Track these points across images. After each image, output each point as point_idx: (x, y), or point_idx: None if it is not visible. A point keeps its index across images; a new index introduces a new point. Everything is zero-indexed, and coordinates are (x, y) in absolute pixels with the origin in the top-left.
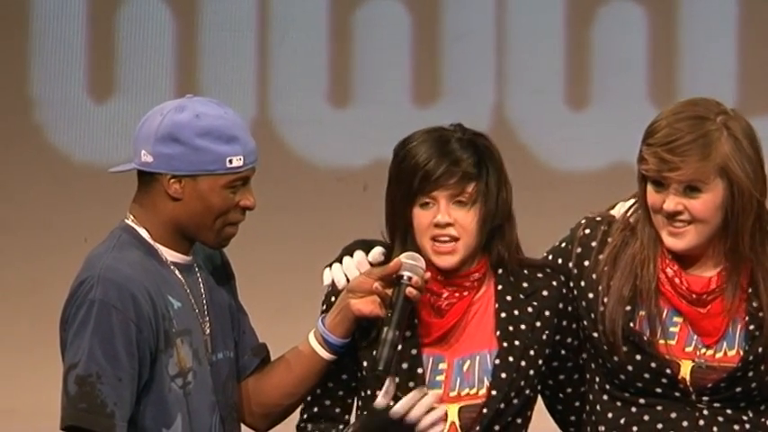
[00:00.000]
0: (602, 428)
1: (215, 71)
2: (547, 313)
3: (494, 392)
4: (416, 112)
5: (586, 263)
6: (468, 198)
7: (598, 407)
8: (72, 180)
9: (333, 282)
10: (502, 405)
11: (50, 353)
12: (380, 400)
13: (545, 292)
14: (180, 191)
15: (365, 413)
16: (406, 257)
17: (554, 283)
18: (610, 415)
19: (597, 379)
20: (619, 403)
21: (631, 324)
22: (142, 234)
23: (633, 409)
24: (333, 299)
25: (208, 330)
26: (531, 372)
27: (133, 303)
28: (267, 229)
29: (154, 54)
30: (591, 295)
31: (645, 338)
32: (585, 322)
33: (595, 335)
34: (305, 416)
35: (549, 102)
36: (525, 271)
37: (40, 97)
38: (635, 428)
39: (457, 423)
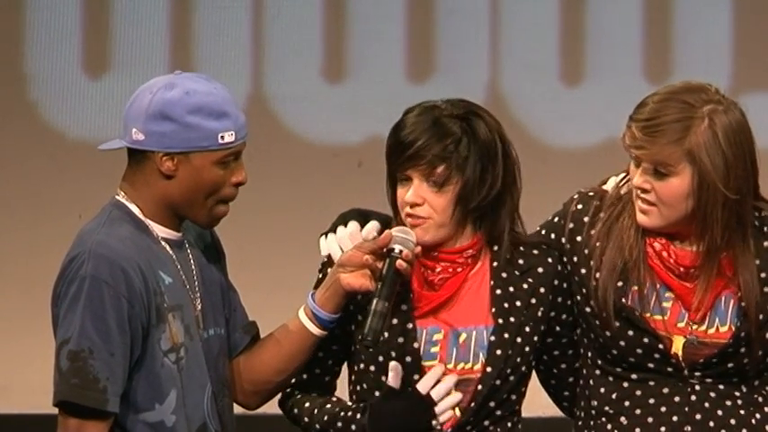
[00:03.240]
0: (595, 403)
1: (209, 47)
2: (542, 290)
3: (489, 369)
4: (410, 89)
5: (579, 238)
6: (438, 178)
7: (591, 381)
8: (66, 156)
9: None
10: (497, 382)
11: (43, 330)
12: (392, 382)
13: (540, 269)
14: (173, 168)
15: (378, 395)
16: (396, 231)
17: (549, 259)
18: (602, 389)
19: (590, 354)
20: (611, 378)
21: (623, 299)
22: (133, 210)
23: (625, 384)
24: (329, 270)
25: (199, 306)
26: (527, 348)
27: (124, 278)
28: (261, 206)
29: (148, 30)
30: (583, 270)
31: (637, 313)
32: (578, 297)
33: (588, 310)
34: (293, 381)
35: (544, 78)
36: (521, 248)
37: (34, 74)
38: (627, 403)
39: (452, 393)
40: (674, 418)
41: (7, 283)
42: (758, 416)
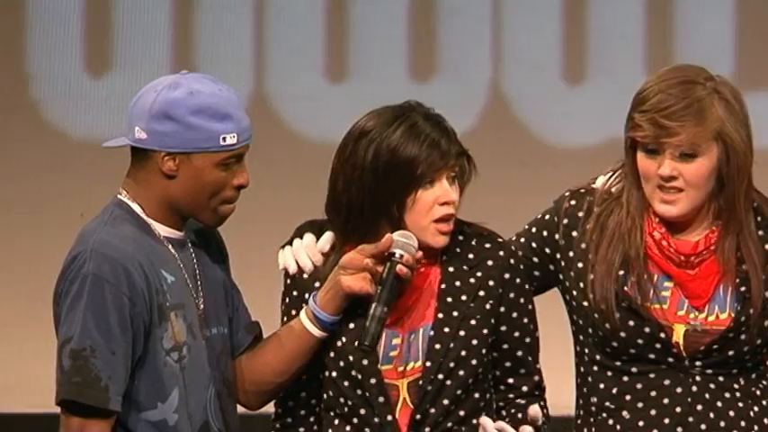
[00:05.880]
0: (595, 399)
1: (212, 46)
2: (491, 283)
3: (428, 364)
4: (413, 88)
5: (574, 233)
6: (463, 179)
7: (589, 378)
8: (68, 155)
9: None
10: (440, 376)
11: (45, 329)
12: None
13: (490, 262)
14: (174, 168)
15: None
16: (398, 235)
17: (501, 253)
18: (602, 385)
19: (587, 351)
20: (610, 373)
21: (625, 288)
22: (135, 209)
23: (625, 378)
24: (288, 281)
25: (201, 306)
26: (474, 342)
27: (126, 277)
28: (263, 205)
29: (151, 29)
30: (580, 265)
31: (638, 303)
32: (575, 292)
33: (585, 304)
34: (280, 410)
35: (546, 77)
36: (473, 242)
37: (36, 73)
38: (628, 397)
39: (408, 399)
40: (677, 409)
41: (8, 282)
42: (756, 408)
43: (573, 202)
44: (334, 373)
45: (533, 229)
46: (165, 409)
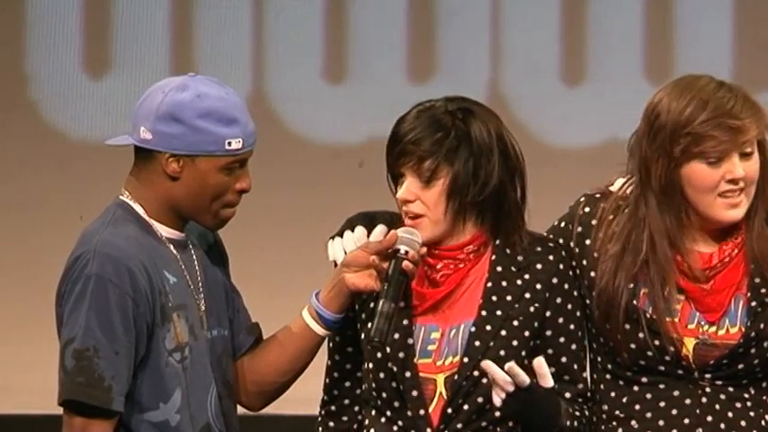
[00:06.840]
0: (606, 407)
1: (210, 47)
2: (538, 286)
3: (465, 360)
4: (411, 89)
5: (587, 241)
6: (425, 172)
7: (601, 386)
8: (67, 157)
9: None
10: (476, 373)
11: (44, 331)
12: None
13: (539, 266)
14: (178, 170)
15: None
16: (402, 231)
17: (551, 257)
18: (612, 393)
19: (599, 359)
20: (621, 382)
21: (634, 301)
22: (137, 210)
23: (636, 388)
24: None
25: (203, 307)
26: (514, 342)
27: (129, 277)
28: (262, 206)
29: (149, 30)
30: (593, 273)
31: (648, 316)
32: (588, 301)
33: (597, 313)
34: (326, 398)
35: (545, 78)
36: (525, 244)
37: (35, 73)
38: (637, 407)
39: (444, 394)
40: (686, 421)
41: (7, 283)
42: None
43: (587, 209)
44: (370, 365)
45: (550, 237)
46: (167, 409)
